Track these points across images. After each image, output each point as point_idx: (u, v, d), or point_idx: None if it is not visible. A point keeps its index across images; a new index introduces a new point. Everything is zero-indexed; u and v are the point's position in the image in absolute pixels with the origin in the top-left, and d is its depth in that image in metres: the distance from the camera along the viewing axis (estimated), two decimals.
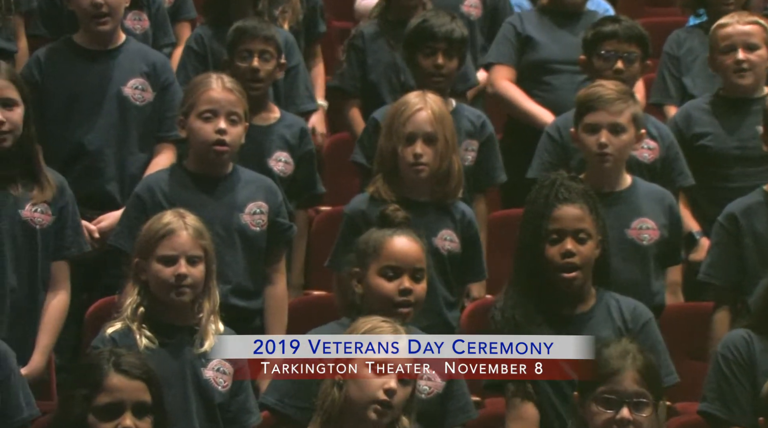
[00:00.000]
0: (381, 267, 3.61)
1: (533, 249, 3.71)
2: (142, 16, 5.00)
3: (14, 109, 3.89)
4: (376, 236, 3.65)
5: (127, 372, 3.20)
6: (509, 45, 5.18)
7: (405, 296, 3.59)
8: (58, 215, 3.95)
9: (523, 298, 3.71)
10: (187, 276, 3.61)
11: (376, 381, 3.25)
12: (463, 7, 5.44)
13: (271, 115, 4.65)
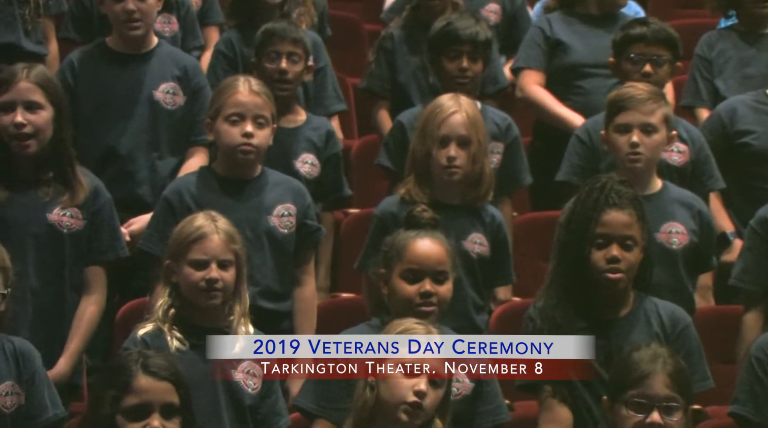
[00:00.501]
0: (403, 270, 3.64)
1: (577, 252, 3.71)
2: (172, 19, 5.04)
3: (39, 112, 3.92)
4: (401, 238, 3.68)
5: (155, 374, 3.23)
6: (538, 49, 5.18)
7: (426, 299, 3.61)
8: (90, 220, 3.98)
9: (563, 300, 3.71)
10: (218, 281, 3.63)
11: (407, 382, 3.26)
12: (483, 11, 5.45)
13: (298, 117, 4.68)
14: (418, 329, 3.32)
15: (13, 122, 3.88)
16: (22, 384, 3.51)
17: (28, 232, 3.88)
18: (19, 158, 3.92)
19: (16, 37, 4.95)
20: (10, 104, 3.90)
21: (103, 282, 4.00)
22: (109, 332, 4.13)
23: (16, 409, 3.50)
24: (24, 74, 3.92)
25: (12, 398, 3.48)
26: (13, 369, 3.51)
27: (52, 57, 5.07)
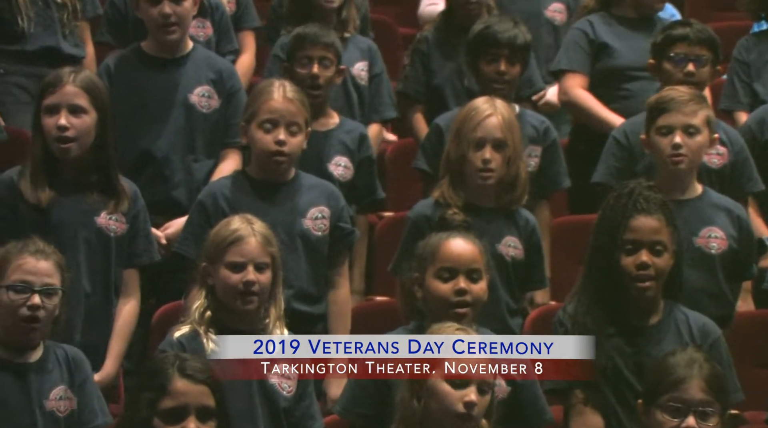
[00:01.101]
0: (437, 269, 3.66)
1: (607, 258, 3.72)
2: (206, 24, 5.07)
3: (82, 116, 3.96)
4: (433, 240, 3.71)
5: (191, 377, 3.26)
6: (581, 52, 5.16)
7: (461, 297, 3.64)
8: (131, 224, 4.03)
9: (594, 305, 3.72)
10: (254, 283, 3.66)
11: (456, 394, 3.27)
12: (547, 12, 5.46)
13: (331, 120, 4.71)
14: (451, 331, 3.33)
15: (56, 124, 3.93)
16: (74, 389, 3.57)
17: (79, 235, 3.94)
18: (63, 161, 3.97)
19: (55, 41, 5.02)
20: (54, 107, 3.95)
21: (138, 285, 4.06)
22: (145, 334, 4.17)
23: (68, 414, 3.56)
24: (70, 78, 3.97)
25: (65, 402, 3.55)
26: (65, 375, 3.57)
27: (88, 60, 5.13)
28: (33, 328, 3.51)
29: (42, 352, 3.57)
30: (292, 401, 3.69)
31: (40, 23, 5.01)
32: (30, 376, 3.53)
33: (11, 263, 3.53)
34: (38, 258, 3.54)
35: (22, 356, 3.54)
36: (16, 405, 3.51)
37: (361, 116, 5.03)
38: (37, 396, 3.52)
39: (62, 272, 3.57)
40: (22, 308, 3.50)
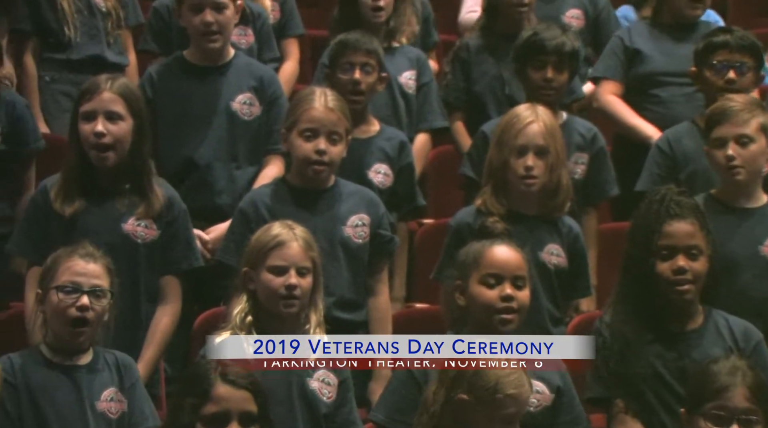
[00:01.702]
0: (482, 276, 3.67)
1: (642, 265, 3.73)
2: (248, 31, 5.11)
3: (119, 123, 3.99)
4: (476, 247, 3.72)
5: (233, 382, 3.29)
6: (616, 59, 5.18)
7: (507, 303, 3.64)
8: (164, 230, 4.04)
9: (631, 314, 3.73)
10: (296, 287, 3.69)
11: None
12: (564, 18, 5.45)
13: (371, 127, 4.73)
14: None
15: (93, 130, 3.96)
16: (124, 392, 3.61)
17: (102, 241, 3.93)
18: (99, 168, 4.00)
19: (100, 49, 5.10)
20: (91, 113, 3.98)
21: (178, 292, 4.07)
22: (188, 340, 4.20)
23: (119, 416, 3.59)
24: (107, 85, 4.00)
25: (116, 404, 3.58)
26: (116, 377, 3.61)
27: (131, 68, 5.20)
28: (82, 331, 3.54)
29: (92, 356, 3.61)
30: (333, 407, 3.71)
31: (85, 32, 5.09)
32: (81, 377, 3.57)
33: (61, 266, 3.58)
34: (87, 261, 3.58)
35: (72, 359, 3.58)
36: (69, 405, 3.54)
37: (408, 125, 5.06)
38: (89, 397, 3.56)
39: (111, 275, 3.62)
40: (71, 309, 3.53)
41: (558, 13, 5.45)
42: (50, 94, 5.12)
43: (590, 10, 5.54)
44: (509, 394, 3.28)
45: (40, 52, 5.11)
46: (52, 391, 3.54)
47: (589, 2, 5.54)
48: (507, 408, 3.29)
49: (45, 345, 3.58)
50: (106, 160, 3.97)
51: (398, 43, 5.16)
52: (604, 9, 5.57)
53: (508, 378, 3.29)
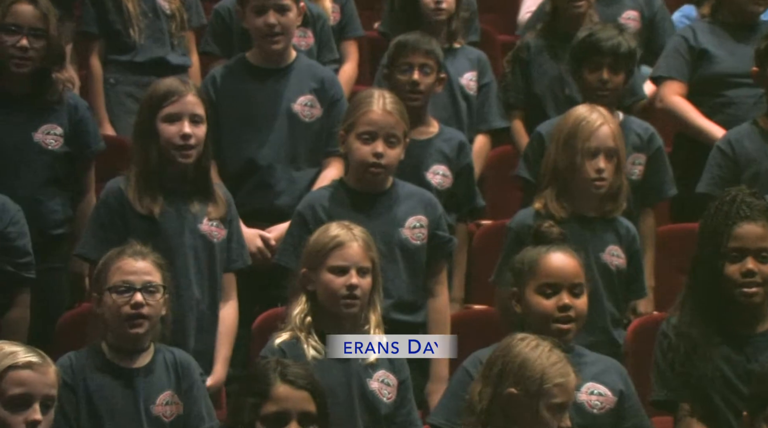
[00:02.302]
0: (538, 285, 3.66)
1: (711, 267, 3.71)
2: (308, 33, 5.14)
3: (200, 126, 4.04)
4: (531, 254, 3.70)
5: (292, 382, 3.30)
6: (681, 59, 5.13)
7: (564, 313, 3.63)
8: (228, 229, 4.10)
9: (699, 316, 3.71)
10: (357, 287, 3.71)
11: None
12: (620, 19, 5.42)
13: (430, 128, 4.74)
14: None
15: (180, 132, 3.99)
16: (181, 394, 3.65)
17: (186, 243, 4.02)
18: (177, 169, 4.03)
19: (163, 52, 5.17)
20: (176, 116, 4.02)
21: (236, 289, 4.12)
22: (249, 341, 4.23)
23: (175, 418, 3.64)
24: (189, 88, 4.05)
25: (171, 407, 3.62)
26: (173, 379, 3.65)
27: (193, 70, 5.26)
28: (139, 324, 3.59)
29: (151, 356, 3.65)
30: (393, 407, 3.73)
31: (150, 35, 5.16)
32: (137, 381, 3.61)
33: (111, 268, 3.63)
34: (136, 259, 3.63)
35: (132, 360, 3.63)
36: (124, 410, 3.59)
37: (469, 126, 5.07)
38: (144, 401, 3.60)
39: (162, 270, 3.66)
40: (126, 307, 3.58)
41: (615, 15, 5.42)
42: (115, 95, 5.19)
43: (646, 11, 5.52)
44: (557, 383, 3.29)
45: (106, 55, 5.20)
46: (108, 395, 3.58)
47: (645, 4, 5.53)
48: (555, 398, 3.30)
49: (106, 344, 3.63)
50: (188, 160, 4.01)
51: (459, 44, 5.17)
52: (659, 10, 5.56)
53: (553, 368, 3.30)
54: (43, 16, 4.24)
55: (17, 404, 3.08)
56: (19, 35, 4.21)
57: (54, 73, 4.28)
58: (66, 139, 4.32)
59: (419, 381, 4.05)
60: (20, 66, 4.23)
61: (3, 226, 3.93)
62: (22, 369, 3.10)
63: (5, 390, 3.07)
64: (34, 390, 3.10)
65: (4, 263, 3.93)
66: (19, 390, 3.08)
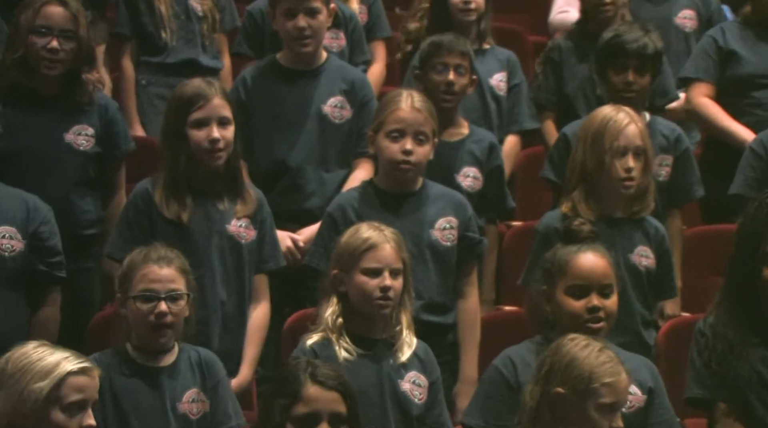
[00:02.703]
0: (568, 286, 3.66)
1: (748, 269, 3.69)
2: (340, 35, 5.16)
3: (228, 127, 4.06)
4: (561, 254, 3.71)
5: (323, 383, 3.31)
6: (709, 60, 5.11)
7: (594, 314, 3.64)
8: (258, 230, 4.11)
9: (735, 317, 3.69)
10: (390, 288, 3.72)
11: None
12: (676, 19, 5.42)
13: (460, 130, 4.75)
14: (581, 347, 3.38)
15: (209, 137, 4.01)
16: (207, 392, 3.67)
17: (212, 244, 4.03)
18: (200, 171, 4.05)
19: (194, 53, 5.21)
20: (205, 120, 4.03)
21: (268, 290, 4.14)
22: (278, 342, 4.24)
23: (201, 416, 3.66)
24: (214, 91, 4.06)
25: (197, 405, 3.64)
26: (198, 377, 3.67)
27: (225, 72, 5.29)
28: (163, 333, 3.63)
29: (176, 355, 3.68)
30: (424, 408, 3.74)
31: (181, 37, 5.20)
32: (163, 380, 3.64)
33: (136, 274, 3.65)
34: (161, 266, 3.64)
35: (156, 359, 3.66)
36: (150, 408, 3.61)
37: (498, 127, 5.07)
38: (171, 399, 3.62)
39: (186, 275, 3.68)
40: (150, 316, 3.61)
41: (670, 14, 5.42)
42: (146, 97, 5.24)
43: (702, 10, 5.50)
44: (605, 383, 3.29)
45: (138, 56, 5.24)
46: (135, 393, 3.61)
47: (701, 2, 5.52)
48: (603, 398, 3.30)
49: (130, 344, 3.66)
50: (218, 162, 4.03)
51: (488, 45, 5.18)
52: (716, 9, 5.54)
53: (602, 367, 3.30)
54: (74, 18, 4.27)
55: (75, 409, 3.12)
56: (49, 37, 4.25)
57: (84, 74, 4.31)
58: (97, 139, 4.35)
59: (449, 382, 4.06)
60: (51, 68, 4.26)
61: (35, 226, 3.97)
62: (79, 375, 3.13)
63: (65, 396, 3.11)
64: (90, 395, 3.14)
65: (36, 263, 3.97)
66: (78, 396, 3.12)
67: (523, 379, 3.55)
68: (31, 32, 4.25)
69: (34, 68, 4.28)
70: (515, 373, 3.60)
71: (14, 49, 4.26)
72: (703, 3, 5.53)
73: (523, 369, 3.59)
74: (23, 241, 3.94)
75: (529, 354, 3.63)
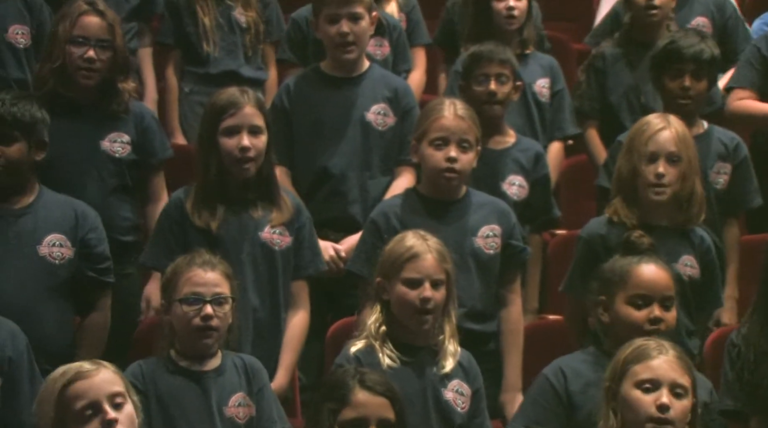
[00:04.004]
0: (629, 296, 3.67)
1: None
2: (384, 43, 5.20)
3: (260, 136, 4.10)
4: (622, 264, 3.71)
5: (371, 389, 3.34)
6: (751, 69, 5.09)
7: (655, 325, 3.65)
8: (295, 236, 4.15)
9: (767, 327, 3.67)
10: (430, 300, 3.74)
11: (648, 398, 3.31)
12: (689, 25, 5.39)
13: (507, 138, 4.77)
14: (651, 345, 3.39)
15: (239, 145, 4.06)
16: (252, 397, 3.71)
17: (244, 251, 4.07)
18: (236, 180, 4.10)
19: (236, 65, 5.26)
20: (235, 129, 4.08)
21: (307, 296, 4.17)
22: (322, 349, 4.28)
23: (248, 421, 3.70)
24: (246, 99, 4.10)
25: (244, 409, 3.68)
26: (243, 381, 3.71)
27: (271, 82, 5.33)
28: (208, 336, 3.66)
29: (220, 360, 3.72)
30: (467, 417, 3.76)
31: (224, 48, 5.25)
32: (209, 383, 3.67)
33: (181, 278, 3.69)
34: (206, 269, 3.69)
35: (201, 364, 3.70)
36: (197, 411, 3.65)
37: (542, 133, 5.10)
38: (217, 402, 3.66)
39: (230, 281, 3.73)
40: (196, 319, 3.65)
41: (684, 21, 5.40)
42: (188, 105, 5.30)
43: (717, 17, 5.50)
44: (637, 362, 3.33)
45: (183, 66, 5.30)
46: (181, 397, 3.64)
47: (716, 10, 5.52)
48: (638, 375, 3.31)
49: (174, 351, 3.70)
50: (248, 171, 4.07)
51: (529, 50, 5.20)
52: (731, 17, 5.52)
53: (634, 351, 3.34)
54: (110, 27, 4.34)
55: (88, 415, 3.11)
56: (86, 47, 4.31)
57: (119, 83, 4.37)
58: (133, 147, 4.40)
59: (491, 390, 4.08)
60: (88, 78, 4.32)
61: (84, 232, 4.04)
62: (75, 382, 3.12)
63: (71, 406, 3.10)
64: (97, 395, 3.11)
65: (85, 269, 4.04)
66: (82, 402, 3.11)
67: (572, 390, 3.58)
68: (69, 42, 4.32)
69: (72, 78, 4.34)
70: (565, 383, 3.61)
71: (52, 60, 4.33)
72: (717, 10, 5.52)
73: (573, 380, 3.61)
74: (72, 248, 4.00)
75: (580, 365, 3.65)
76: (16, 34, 4.75)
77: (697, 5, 5.52)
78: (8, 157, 3.98)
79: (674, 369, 3.33)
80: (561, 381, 3.62)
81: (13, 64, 4.73)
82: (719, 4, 5.54)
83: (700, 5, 5.52)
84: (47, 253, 3.98)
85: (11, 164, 3.99)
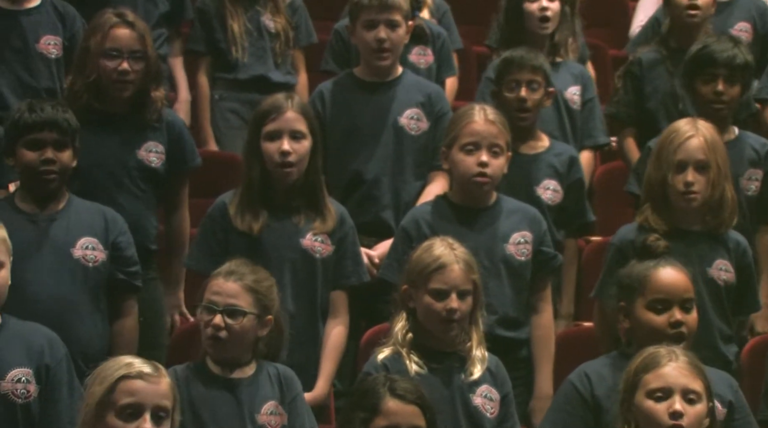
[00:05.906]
0: (649, 301, 3.67)
1: None
2: (427, 51, 5.24)
3: (302, 142, 4.13)
4: (640, 269, 3.72)
5: (402, 397, 3.37)
6: None
7: (676, 329, 3.65)
8: (337, 246, 4.17)
9: None
10: (457, 311, 3.75)
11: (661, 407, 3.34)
12: (732, 31, 5.38)
13: (540, 143, 4.78)
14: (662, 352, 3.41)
15: (279, 149, 4.10)
16: (285, 406, 3.72)
17: (284, 257, 4.10)
18: (279, 185, 4.14)
19: (265, 70, 5.30)
20: (276, 133, 4.12)
21: (347, 306, 4.19)
22: (355, 356, 4.29)
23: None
24: (290, 104, 4.14)
25: (276, 418, 3.69)
26: (276, 390, 3.72)
27: (300, 87, 5.36)
28: (218, 346, 3.66)
29: (254, 369, 3.73)
30: (496, 422, 3.78)
31: (253, 53, 5.29)
32: (242, 391, 3.69)
33: (208, 285, 3.73)
34: (227, 279, 3.69)
35: (233, 371, 3.71)
36: (228, 418, 3.66)
37: (573, 141, 5.10)
38: (249, 410, 3.67)
39: (255, 294, 3.70)
40: (209, 328, 3.67)
41: (725, 25, 5.39)
42: (219, 111, 5.34)
43: (759, 23, 5.48)
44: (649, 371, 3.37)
45: (213, 72, 5.36)
46: (213, 404, 3.66)
47: (758, 15, 5.50)
48: (650, 384, 3.34)
49: (209, 357, 3.73)
50: (289, 176, 4.10)
51: (561, 58, 5.21)
52: None
53: (645, 359, 3.36)
54: (141, 38, 4.38)
55: (129, 414, 3.15)
56: (119, 59, 4.35)
57: (152, 91, 4.41)
58: (167, 156, 4.45)
59: (523, 397, 4.10)
60: (122, 90, 4.36)
61: (114, 236, 4.08)
62: (133, 379, 3.16)
63: (117, 399, 3.15)
64: (145, 400, 3.15)
65: (116, 273, 4.09)
66: (130, 399, 3.15)
67: (598, 394, 3.58)
68: (102, 56, 4.35)
69: (106, 91, 4.37)
70: (590, 388, 3.62)
71: (86, 74, 4.37)
72: (759, 16, 5.50)
73: (598, 384, 3.62)
74: (105, 251, 4.05)
75: (604, 369, 3.65)
76: (48, 45, 4.79)
77: (738, 10, 5.51)
78: (62, 163, 4.04)
79: (685, 374, 3.33)
80: (586, 386, 3.63)
81: (45, 74, 4.78)
82: (761, 9, 5.52)
83: (741, 10, 5.51)
84: (81, 256, 4.03)
85: (64, 170, 4.04)
